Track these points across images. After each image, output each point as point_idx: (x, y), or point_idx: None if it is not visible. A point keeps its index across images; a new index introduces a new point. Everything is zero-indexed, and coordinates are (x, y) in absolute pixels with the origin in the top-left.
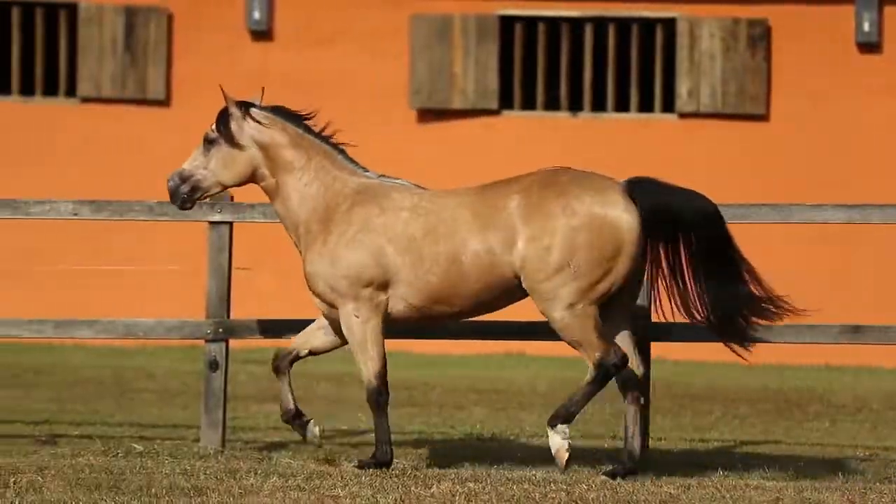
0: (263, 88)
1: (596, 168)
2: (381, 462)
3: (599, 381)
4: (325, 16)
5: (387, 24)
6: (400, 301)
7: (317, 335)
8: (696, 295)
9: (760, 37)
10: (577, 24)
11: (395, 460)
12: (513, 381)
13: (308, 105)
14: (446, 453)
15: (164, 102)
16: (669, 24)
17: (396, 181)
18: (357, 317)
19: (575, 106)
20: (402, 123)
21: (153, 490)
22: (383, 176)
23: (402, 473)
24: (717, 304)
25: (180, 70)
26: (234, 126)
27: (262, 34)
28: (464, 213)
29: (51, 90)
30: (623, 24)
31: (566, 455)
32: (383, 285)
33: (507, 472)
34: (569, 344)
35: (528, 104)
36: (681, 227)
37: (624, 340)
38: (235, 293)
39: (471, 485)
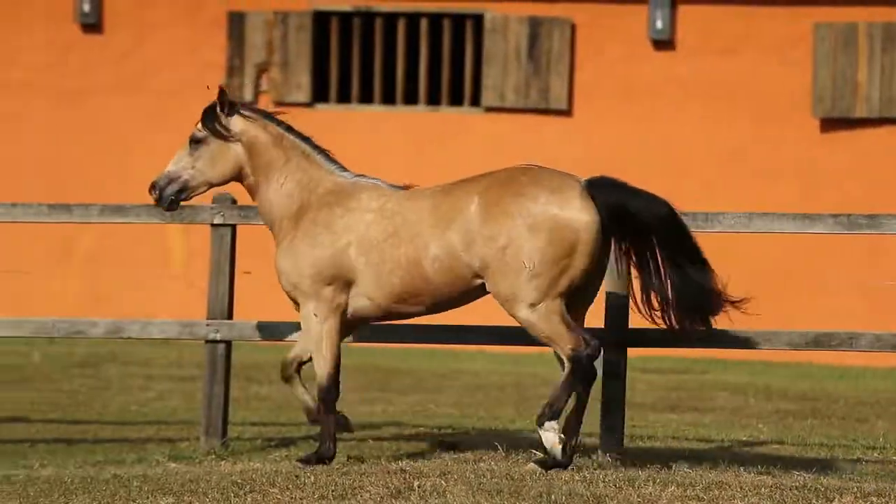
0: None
1: None
2: (322, 457)
3: (576, 373)
4: (728, 24)
5: (790, 32)
6: (365, 300)
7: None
8: (659, 293)
9: None
10: None
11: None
12: None
13: (709, 113)
14: (847, 467)
15: (567, 112)
16: None
17: (373, 181)
18: (316, 316)
19: None
20: (805, 132)
21: (553, 497)
22: (360, 176)
23: (803, 486)
24: (679, 303)
25: (582, 79)
26: (220, 124)
27: (665, 43)
28: (427, 215)
29: (456, 99)
30: None
31: (560, 446)
32: (344, 285)
33: None
34: (540, 339)
35: None
36: (638, 228)
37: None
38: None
39: (874, 499)
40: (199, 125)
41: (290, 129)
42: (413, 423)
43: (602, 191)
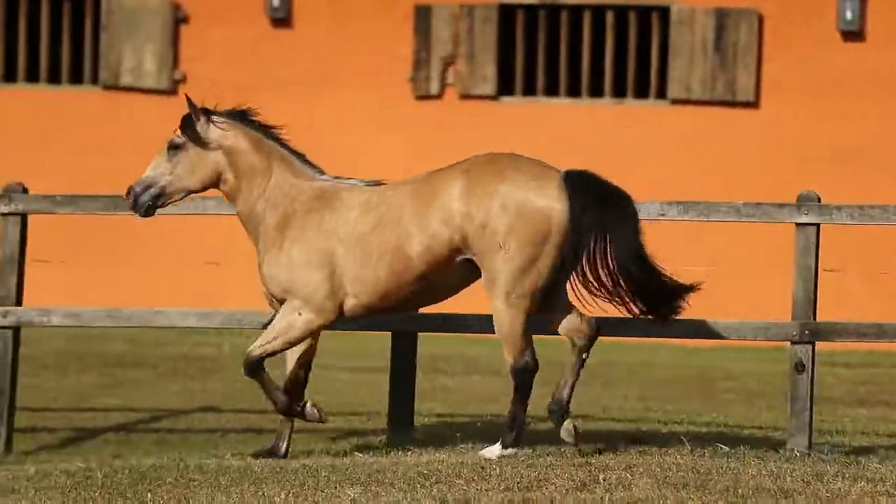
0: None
1: None
2: (276, 405)
3: (522, 388)
4: None
5: None
6: (351, 297)
7: (296, 351)
8: (620, 288)
9: None
10: None
11: None
12: None
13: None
14: None
15: (753, 104)
16: None
17: (350, 181)
18: (300, 315)
19: None
20: None
21: (739, 491)
22: (338, 178)
23: None
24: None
25: (769, 71)
26: (199, 131)
27: (854, 34)
28: (409, 200)
29: (642, 92)
30: None
31: (494, 457)
32: (335, 287)
33: None
34: (498, 335)
35: None
36: (602, 225)
37: (567, 304)
38: (822, 295)
39: None
40: (178, 131)
41: (268, 133)
42: (598, 416)
43: (576, 184)
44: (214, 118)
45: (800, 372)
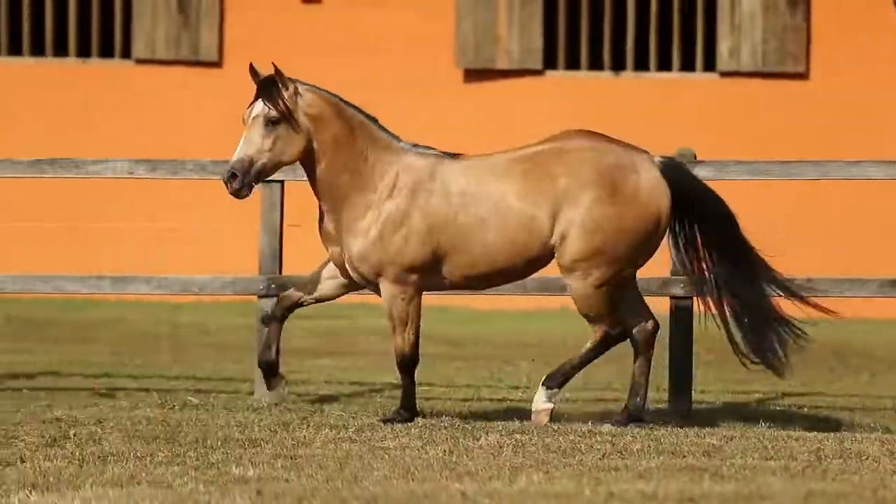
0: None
1: None
2: (405, 418)
3: (599, 349)
4: None
5: None
6: (445, 279)
7: (327, 284)
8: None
9: None
10: None
11: (442, 415)
12: None
13: None
14: (494, 407)
15: None
16: None
17: (428, 150)
18: (402, 299)
19: None
20: None
21: (208, 441)
22: (416, 145)
23: (451, 426)
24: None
25: None
26: (289, 102)
27: None
28: (511, 187)
29: None
30: None
31: (545, 419)
32: (431, 267)
33: (553, 426)
34: (581, 313)
35: None
36: (697, 218)
37: (635, 299)
38: (287, 250)
39: (518, 436)
40: (268, 104)
41: (342, 99)
42: (68, 373)
43: (675, 173)
44: (300, 87)
45: (266, 324)
